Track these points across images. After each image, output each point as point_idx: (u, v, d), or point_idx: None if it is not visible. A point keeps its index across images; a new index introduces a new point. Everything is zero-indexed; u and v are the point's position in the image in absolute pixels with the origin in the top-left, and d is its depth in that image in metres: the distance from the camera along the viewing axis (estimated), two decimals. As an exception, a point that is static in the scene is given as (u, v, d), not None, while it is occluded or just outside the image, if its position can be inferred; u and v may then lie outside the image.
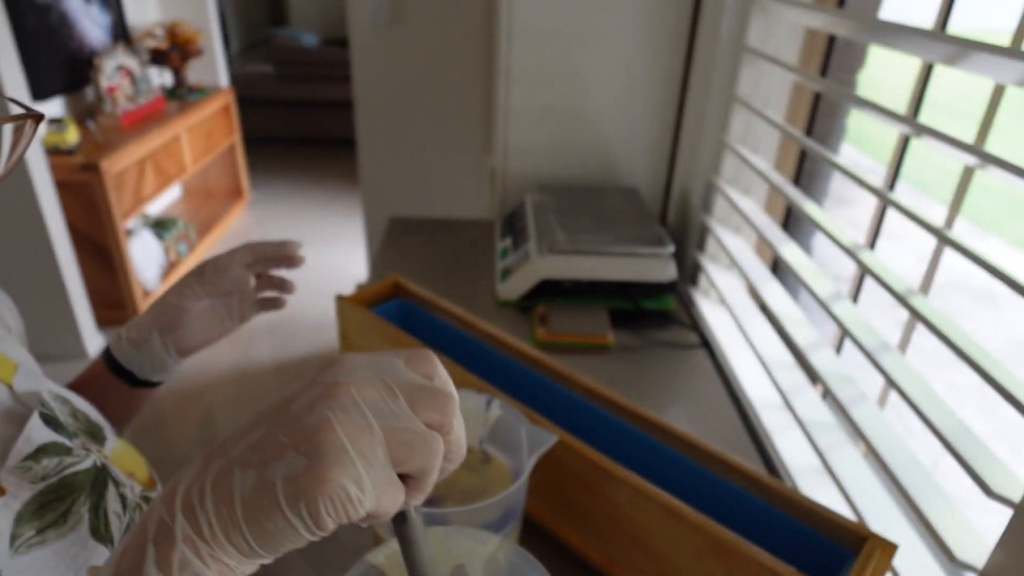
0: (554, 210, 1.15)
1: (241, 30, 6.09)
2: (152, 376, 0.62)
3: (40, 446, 0.43)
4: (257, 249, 0.62)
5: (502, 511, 0.51)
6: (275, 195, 3.94)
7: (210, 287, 0.59)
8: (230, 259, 0.61)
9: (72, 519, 0.42)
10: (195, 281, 0.59)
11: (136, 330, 0.60)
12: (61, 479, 0.43)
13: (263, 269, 0.64)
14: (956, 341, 0.57)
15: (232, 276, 0.60)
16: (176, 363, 0.62)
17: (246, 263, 0.62)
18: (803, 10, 0.85)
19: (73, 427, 0.48)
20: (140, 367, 0.61)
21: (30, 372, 0.47)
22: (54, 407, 0.47)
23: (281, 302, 0.67)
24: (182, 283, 0.60)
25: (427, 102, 1.94)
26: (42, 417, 0.44)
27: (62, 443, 0.45)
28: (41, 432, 0.43)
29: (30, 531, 0.39)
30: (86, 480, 0.44)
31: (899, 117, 0.66)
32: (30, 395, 0.45)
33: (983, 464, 0.53)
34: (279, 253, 0.63)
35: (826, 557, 0.52)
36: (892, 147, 0.78)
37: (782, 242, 0.91)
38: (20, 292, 2.20)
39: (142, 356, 0.60)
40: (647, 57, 1.25)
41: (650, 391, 0.90)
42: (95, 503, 0.44)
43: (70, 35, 2.65)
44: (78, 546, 0.41)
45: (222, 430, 2.11)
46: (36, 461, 0.42)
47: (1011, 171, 0.52)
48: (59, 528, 0.41)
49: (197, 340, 0.62)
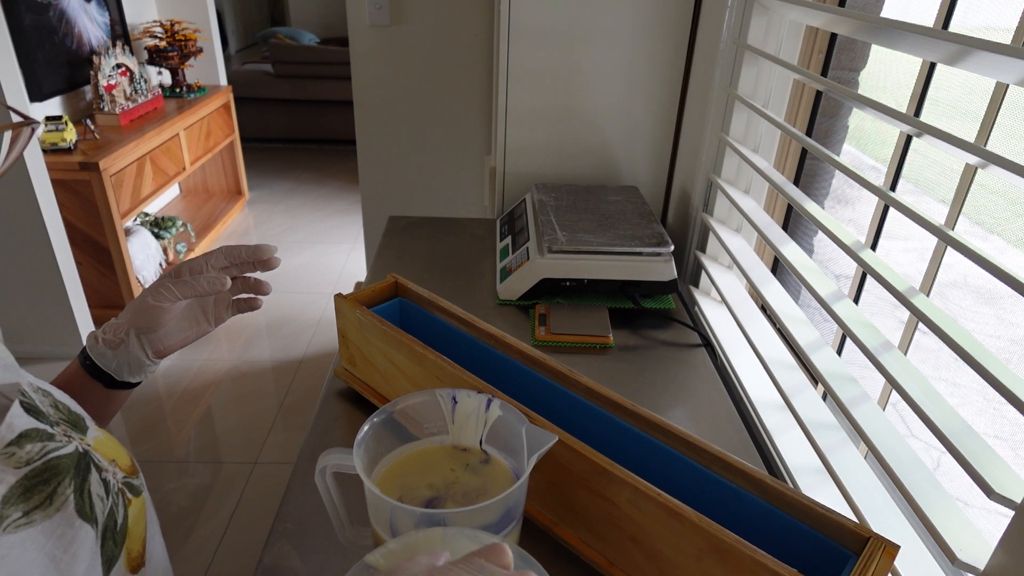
0: (554, 209, 1.15)
1: (240, 29, 6.09)
2: (129, 377, 0.63)
3: (22, 432, 0.44)
4: (232, 252, 0.64)
5: (502, 511, 0.51)
6: (274, 194, 3.94)
7: (187, 288, 0.60)
8: (205, 262, 0.63)
9: (58, 500, 0.43)
10: (172, 283, 0.61)
11: (113, 332, 0.61)
12: (45, 463, 0.44)
13: (238, 272, 0.66)
14: (958, 340, 0.57)
15: (209, 278, 0.61)
16: (153, 364, 0.63)
17: (222, 266, 0.63)
18: (804, 8, 0.84)
19: (55, 416, 0.49)
20: (117, 368, 0.62)
21: (8, 365, 0.49)
22: (35, 398, 0.48)
23: (256, 303, 0.70)
24: (159, 285, 0.61)
25: (427, 101, 1.94)
26: (22, 406, 0.46)
27: (44, 429, 0.46)
28: (22, 420, 0.45)
29: (17, 513, 0.41)
30: (70, 464, 0.46)
31: (901, 116, 0.66)
32: (9, 387, 0.47)
33: (985, 465, 0.53)
34: (254, 256, 0.65)
35: (827, 558, 0.52)
36: (893, 146, 0.77)
37: (782, 242, 0.90)
38: (18, 291, 2.20)
39: (119, 357, 0.61)
40: (647, 56, 1.24)
41: (650, 391, 0.90)
42: (79, 485, 0.46)
43: (69, 34, 2.65)
44: (65, 525, 0.43)
45: (222, 430, 2.11)
46: (19, 447, 0.43)
47: (1013, 170, 0.52)
48: (45, 509, 0.42)
49: (174, 341, 0.64)
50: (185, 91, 3.16)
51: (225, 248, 0.65)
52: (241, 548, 1.70)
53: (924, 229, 0.62)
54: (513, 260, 1.09)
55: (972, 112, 0.79)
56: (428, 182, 2.06)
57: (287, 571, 0.61)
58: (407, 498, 0.53)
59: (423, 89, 1.92)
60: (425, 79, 1.91)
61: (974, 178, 0.64)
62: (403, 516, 0.50)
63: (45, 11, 2.50)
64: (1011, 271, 0.52)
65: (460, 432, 0.59)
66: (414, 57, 1.88)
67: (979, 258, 0.55)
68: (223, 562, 1.66)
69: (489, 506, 0.49)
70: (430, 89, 1.92)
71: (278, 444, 2.05)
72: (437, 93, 1.93)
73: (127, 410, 2.16)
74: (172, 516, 1.78)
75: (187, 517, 1.78)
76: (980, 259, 0.55)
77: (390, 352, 0.75)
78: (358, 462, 0.50)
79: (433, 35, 1.85)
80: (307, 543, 0.63)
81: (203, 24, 3.31)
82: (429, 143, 2.00)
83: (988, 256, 0.55)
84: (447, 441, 0.59)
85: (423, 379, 0.72)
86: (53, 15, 2.54)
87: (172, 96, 3.14)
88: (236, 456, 2.00)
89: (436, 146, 2.01)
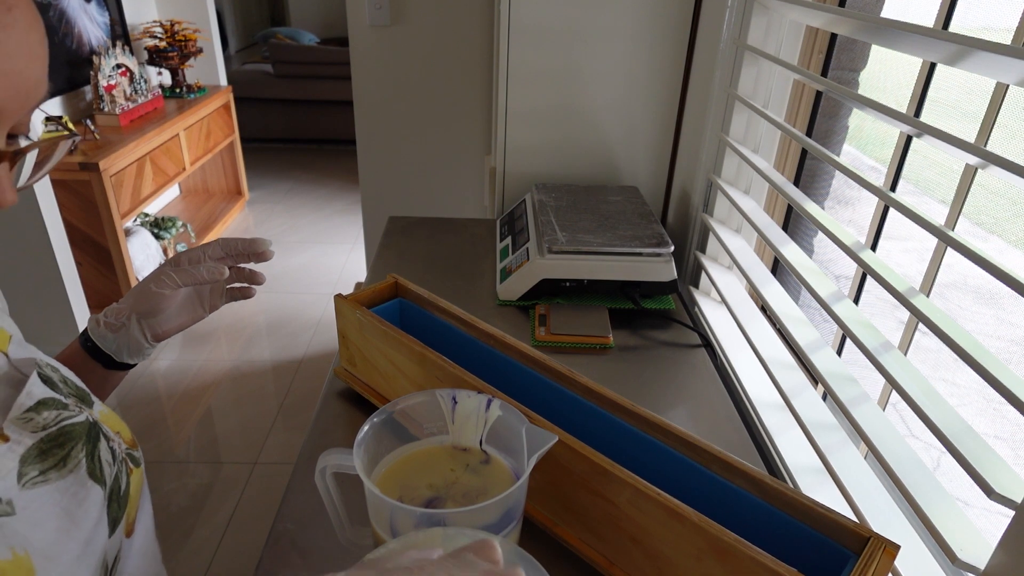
0: (554, 209, 1.15)
1: (240, 29, 6.08)
2: (128, 359, 0.67)
3: (40, 400, 0.48)
4: (229, 244, 0.68)
5: (502, 512, 0.51)
6: (274, 194, 3.94)
7: (187, 276, 0.64)
8: (203, 252, 0.67)
9: (71, 463, 0.47)
10: (172, 270, 0.65)
11: (115, 315, 0.65)
12: (60, 428, 0.48)
13: (233, 263, 0.69)
14: (958, 341, 0.57)
15: (208, 267, 0.65)
16: (151, 346, 0.68)
17: (218, 256, 0.67)
18: (804, 9, 0.84)
19: (65, 390, 0.52)
20: (117, 350, 0.66)
21: (22, 342, 0.52)
22: (48, 372, 0.51)
23: (251, 291, 0.74)
24: (160, 272, 0.65)
25: (427, 101, 1.94)
26: (40, 376, 0.49)
27: (59, 399, 0.49)
28: (40, 388, 0.48)
29: (34, 471, 0.44)
30: (82, 431, 0.49)
31: (901, 116, 0.66)
32: (25, 361, 0.50)
33: (985, 465, 0.53)
34: (249, 248, 0.69)
35: (827, 558, 0.52)
36: (893, 147, 0.77)
37: (782, 242, 0.90)
38: (18, 291, 2.20)
39: (119, 340, 0.65)
40: (647, 56, 1.24)
41: (650, 391, 0.90)
42: (90, 451, 0.49)
43: (69, 34, 2.65)
44: (78, 484, 0.47)
45: (222, 430, 2.11)
46: (37, 413, 0.47)
47: (1013, 170, 0.52)
48: (59, 470, 0.46)
49: (171, 325, 0.68)
50: (185, 91, 3.16)
51: (222, 240, 0.68)
52: (241, 548, 1.70)
53: (924, 230, 0.62)
54: (513, 260, 1.09)
55: (972, 112, 0.79)
56: (428, 182, 2.06)
57: (287, 571, 0.61)
58: (407, 498, 0.53)
59: (423, 89, 1.92)
60: (425, 79, 1.91)
61: (974, 178, 0.64)
62: (403, 516, 0.50)
63: (45, 11, 2.50)
64: (1011, 271, 0.52)
65: (460, 432, 0.59)
66: (414, 57, 1.88)
67: (979, 258, 0.55)
68: (223, 562, 1.66)
69: (489, 506, 0.49)
70: (430, 89, 1.92)
71: (278, 444, 2.05)
72: (437, 93, 1.93)
73: (127, 410, 2.16)
74: (172, 516, 1.78)
75: (187, 517, 1.78)
76: (980, 259, 0.55)
77: (390, 352, 0.75)
78: (358, 462, 0.50)
79: (433, 35, 1.85)
80: (307, 543, 0.63)
81: (203, 24, 3.31)
82: (429, 143, 2.00)
83: (988, 256, 0.55)
84: (447, 441, 0.59)
85: (423, 379, 0.72)
86: (53, 15, 2.54)
87: (172, 96, 3.14)
88: (236, 456, 2.00)
89: (436, 146, 2.01)
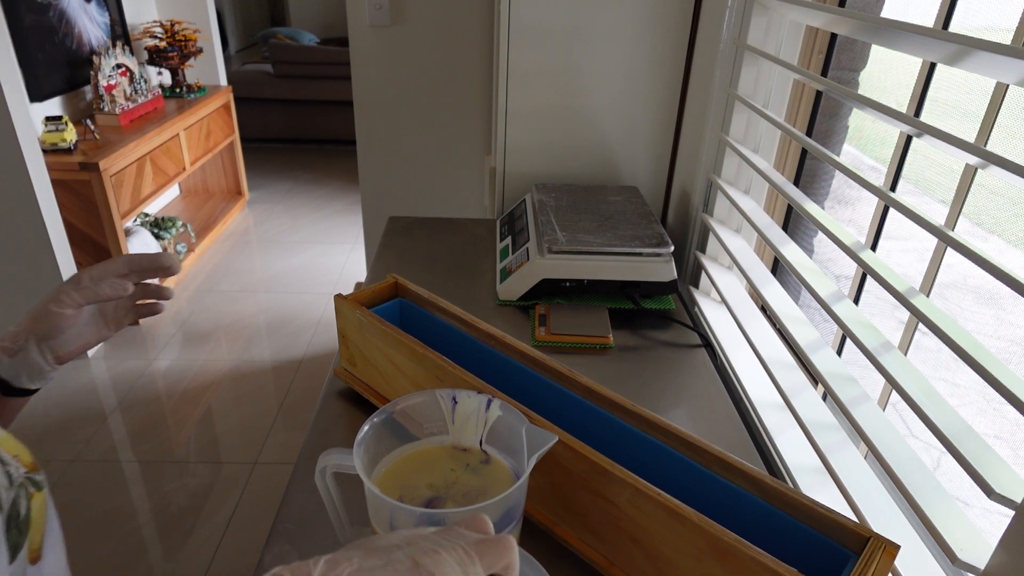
0: (554, 209, 1.15)
1: (240, 29, 6.08)
2: (28, 384, 0.63)
3: None
4: (133, 260, 0.66)
5: (502, 511, 0.51)
6: (274, 194, 3.94)
7: (88, 294, 0.62)
8: (106, 269, 0.64)
9: None
10: (72, 288, 0.62)
11: (11, 339, 0.62)
12: None
13: (139, 279, 0.67)
14: (958, 341, 0.57)
15: (111, 283, 0.62)
16: (53, 370, 0.64)
17: (122, 273, 0.65)
18: (804, 8, 0.84)
19: None
20: (15, 375, 0.62)
21: None
22: None
23: (158, 307, 0.72)
24: (60, 291, 0.62)
25: (427, 102, 1.94)
26: None
27: None
28: None
29: None
30: None
31: (901, 116, 0.66)
32: None
33: (985, 465, 0.53)
34: (154, 264, 0.66)
35: (827, 558, 0.52)
36: (893, 146, 0.77)
37: (782, 242, 0.90)
38: (18, 291, 2.20)
39: (16, 365, 0.62)
40: (647, 56, 1.24)
41: (650, 391, 0.90)
42: None
43: (69, 34, 2.65)
44: None
45: (222, 430, 2.11)
46: None
47: (1013, 170, 0.52)
48: None
49: (74, 346, 0.65)
50: (185, 91, 3.16)
51: (127, 256, 0.66)
52: (241, 548, 1.70)
53: (924, 230, 0.62)
54: (513, 260, 1.09)
55: (972, 112, 0.79)
56: (428, 182, 2.06)
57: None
58: (407, 498, 0.53)
59: (423, 89, 1.92)
60: (425, 79, 1.91)
61: (974, 178, 0.64)
62: (403, 516, 0.50)
63: (45, 11, 2.50)
64: (1011, 271, 0.52)
65: (460, 432, 0.59)
66: (414, 57, 1.88)
67: (979, 258, 0.55)
68: (223, 562, 1.66)
69: (489, 506, 0.49)
70: (430, 89, 1.93)
71: (278, 444, 2.05)
72: (437, 93, 1.93)
73: (127, 410, 2.16)
74: (172, 516, 1.78)
75: (187, 517, 1.78)
76: (980, 259, 0.55)
77: (390, 352, 0.75)
78: (358, 462, 0.50)
79: (433, 35, 1.85)
80: (307, 543, 0.63)
81: (203, 24, 3.31)
82: (429, 143, 2.00)
83: (988, 256, 0.55)
84: (447, 441, 0.59)
85: (423, 379, 0.72)
86: (53, 15, 2.54)
87: (172, 96, 3.14)
88: (236, 456, 2.00)
89: (436, 146, 2.01)
